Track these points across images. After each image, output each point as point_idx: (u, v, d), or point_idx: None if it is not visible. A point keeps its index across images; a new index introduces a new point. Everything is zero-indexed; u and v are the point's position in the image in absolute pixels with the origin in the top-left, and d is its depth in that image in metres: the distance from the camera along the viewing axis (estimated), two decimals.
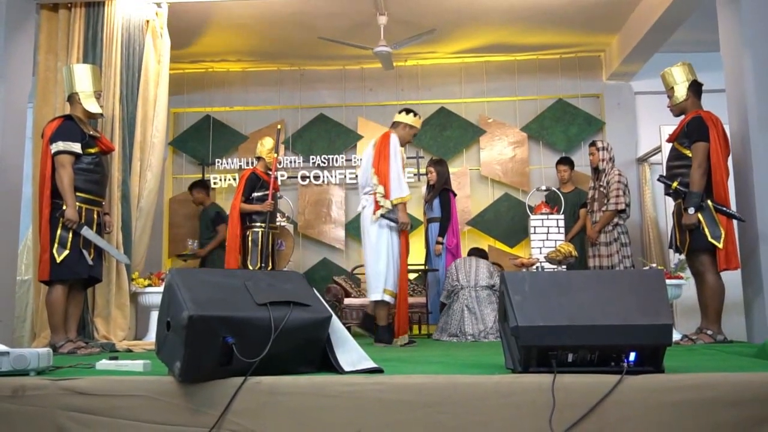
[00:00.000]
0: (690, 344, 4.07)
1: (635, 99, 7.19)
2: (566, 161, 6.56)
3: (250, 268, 5.47)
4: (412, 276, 6.63)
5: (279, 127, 5.85)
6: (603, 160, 5.78)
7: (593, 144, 5.92)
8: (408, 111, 4.83)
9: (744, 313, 4.35)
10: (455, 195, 6.21)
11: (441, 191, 6.01)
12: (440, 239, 5.89)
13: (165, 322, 2.23)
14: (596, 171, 5.85)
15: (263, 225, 5.54)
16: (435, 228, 5.98)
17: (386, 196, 4.51)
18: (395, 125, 4.81)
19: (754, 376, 2.10)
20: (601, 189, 5.73)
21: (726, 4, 4.45)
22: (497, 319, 4.88)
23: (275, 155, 5.61)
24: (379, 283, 4.55)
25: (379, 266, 4.55)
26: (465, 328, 4.98)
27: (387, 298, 4.54)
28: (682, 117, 4.38)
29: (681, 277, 5.02)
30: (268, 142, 5.74)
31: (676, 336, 4.32)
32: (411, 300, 6.19)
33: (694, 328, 4.31)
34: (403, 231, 4.60)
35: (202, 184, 6.90)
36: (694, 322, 4.41)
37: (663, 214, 6.45)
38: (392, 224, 4.54)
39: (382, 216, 4.53)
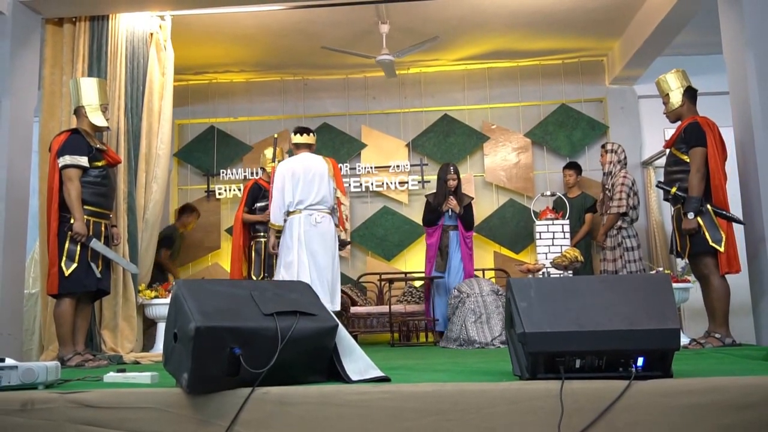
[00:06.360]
0: (698, 348, 4.05)
1: (639, 103, 7.18)
2: (573, 166, 6.57)
3: (253, 278, 5.49)
4: (417, 283, 6.64)
5: (275, 136, 5.89)
6: (611, 163, 5.78)
7: (603, 146, 5.94)
8: (311, 131, 5.16)
9: (752, 315, 4.33)
10: None
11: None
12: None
13: (172, 334, 2.23)
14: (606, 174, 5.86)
15: (266, 235, 5.57)
16: (454, 235, 5.87)
17: (346, 218, 5.01)
18: (311, 147, 5.11)
19: (762, 379, 2.09)
20: (607, 192, 5.74)
21: (728, 6, 4.45)
22: (504, 326, 4.88)
23: (274, 164, 5.64)
24: (338, 294, 4.92)
25: (338, 278, 4.93)
26: (469, 333, 4.92)
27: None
28: (679, 122, 4.39)
29: (688, 281, 5.01)
30: (269, 153, 5.79)
31: (684, 340, 4.30)
32: (416, 308, 6.20)
33: (703, 332, 4.29)
34: None
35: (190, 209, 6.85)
36: (703, 326, 4.39)
37: (669, 217, 6.42)
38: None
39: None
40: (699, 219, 4.10)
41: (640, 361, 2.13)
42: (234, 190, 7.27)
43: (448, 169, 5.86)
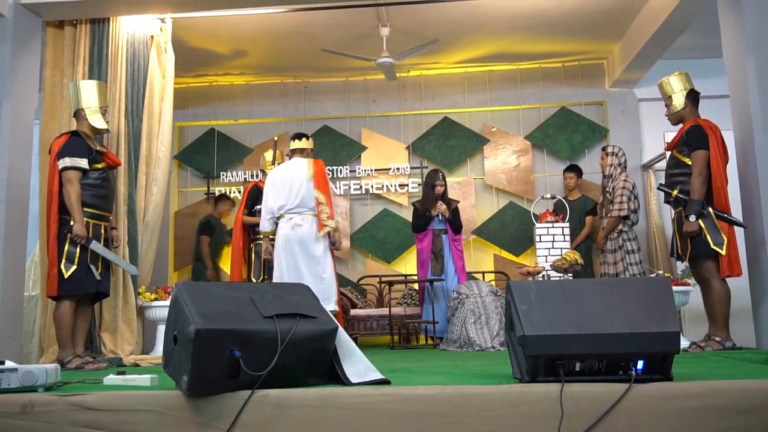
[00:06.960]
0: (698, 351, 4.05)
1: (639, 106, 7.19)
2: (573, 169, 6.57)
3: (253, 280, 5.49)
4: (417, 286, 6.63)
5: (276, 138, 5.90)
6: (611, 166, 5.78)
7: (604, 149, 5.95)
8: (305, 136, 5.13)
9: (753, 318, 4.32)
10: None
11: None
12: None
13: (172, 336, 2.23)
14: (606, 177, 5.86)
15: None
16: (446, 239, 5.92)
17: (330, 217, 4.86)
18: (304, 152, 5.07)
19: (763, 383, 2.09)
20: (608, 195, 5.74)
21: (728, 9, 4.45)
22: (503, 326, 4.88)
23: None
24: (332, 294, 4.85)
25: (331, 279, 4.88)
26: (470, 334, 4.93)
27: (337, 308, 4.95)
28: (681, 125, 4.39)
29: (688, 284, 5.00)
30: (269, 155, 5.80)
31: (684, 343, 4.30)
32: (416, 310, 6.19)
33: (703, 335, 4.28)
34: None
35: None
36: (703, 329, 4.38)
37: (669, 220, 6.43)
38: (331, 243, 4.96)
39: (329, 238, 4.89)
40: (700, 222, 4.09)
41: (640, 364, 2.12)
42: (234, 192, 7.27)
43: (436, 175, 5.96)
